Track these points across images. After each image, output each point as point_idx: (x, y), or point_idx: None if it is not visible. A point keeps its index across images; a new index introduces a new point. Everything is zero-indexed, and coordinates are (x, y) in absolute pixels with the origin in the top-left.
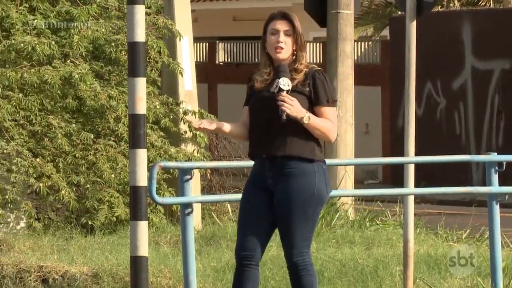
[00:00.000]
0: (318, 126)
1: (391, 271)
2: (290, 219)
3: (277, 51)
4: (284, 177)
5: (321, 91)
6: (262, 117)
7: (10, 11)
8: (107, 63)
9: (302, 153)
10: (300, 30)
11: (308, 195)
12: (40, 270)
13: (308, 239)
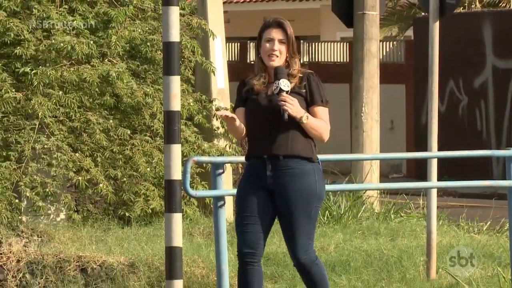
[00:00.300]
0: (315, 126)
1: (415, 261)
2: (293, 219)
3: (271, 59)
4: (286, 177)
5: (316, 92)
6: (261, 118)
7: (51, 12)
8: (143, 62)
9: (303, 152)
10: (293, 38)
11: (310, 194)
12: (79, 260)
13: (312, 236)
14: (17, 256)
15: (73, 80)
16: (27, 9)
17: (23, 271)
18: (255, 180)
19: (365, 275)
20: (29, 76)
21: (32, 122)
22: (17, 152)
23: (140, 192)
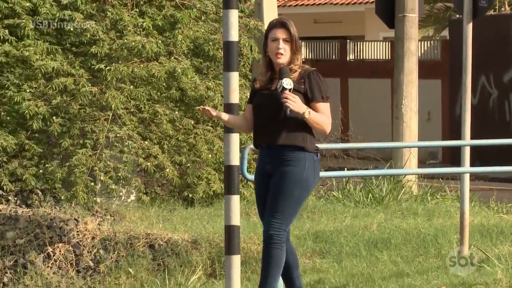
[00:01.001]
0: (317, 120)
1: (449, 238)
2: (277, 196)
3: (278, 57)
4: (280, 163)
5: (316, 89)
6: (263, 112)
7: (123, 15)
8: (205, 59)
9: (295, 142)
10: (296, 36)
11: (297, 179)
12: (148, 237)
13: (289, 218)
14: (92, 234)
15: (143, 76)
16: (102, 12)
17: (97, 247)
18: (261, 167)
19: (404, 251)
20: (104, 72)
21: (106, 113)
22: (93, 140)
23: (202, 176)
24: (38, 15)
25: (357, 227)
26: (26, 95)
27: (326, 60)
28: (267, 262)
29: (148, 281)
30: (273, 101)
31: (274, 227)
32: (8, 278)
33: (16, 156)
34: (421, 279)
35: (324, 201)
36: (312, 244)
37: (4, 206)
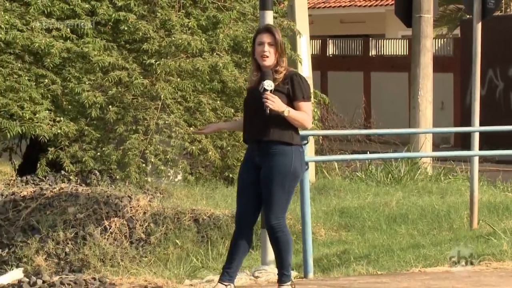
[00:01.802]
0: (296, 118)
1: (460, 214)
2: (270, 190)
3: (263, 59)
4: (268, 156)
5: (298, 90)
6: (251, 110)
7: (171, 15)
8: (244, 55)
9: (282, 138)
10: (280, 41)
11: (286, 171)
12: (193, 212)
13: (284, 206)
14: (144, 209)
15: (189, 69)
16: (152, 13)
17: (148, 221)
18: (248, 159)
19: (420, 225)
20: (154, 66)
21: (156, 103)
22: (144, 126)
23: (241, 158)
24: (96, 15)
25: (378, 204)
26: (85, 86)
27: (350, 56)
28: (276, 246)
29: (193, 251)
30: (260, 100)
31: (273, 218)
32: (70, 248)
33: (77, 140)
34: (435, 250)
35: (349, 180)
36: (338, 219)
37: (66, 185)
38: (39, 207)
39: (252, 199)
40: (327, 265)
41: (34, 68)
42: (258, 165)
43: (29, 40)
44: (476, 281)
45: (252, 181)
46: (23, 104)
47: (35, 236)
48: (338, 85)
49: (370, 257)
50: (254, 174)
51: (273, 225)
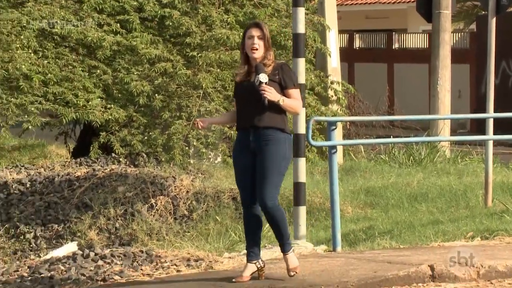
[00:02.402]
0: (290, 105)
1: (475, 193)
2: (265, 174)
3: (253, 52)
4: (263, 142)
5: (287, 78)
6: (245, 100)
7: (212, 12)
8: (278, 48)
9: (277, 124)
10: (267, 36)
11: (280, 156)
12: (231, 191)
13: (278, 188)
14: (187, 188)
15: (227, 61)
16: (195, 9)
17: (190, 199)
18: (243, 145)
19: (439, 203)
20: (196, 58)
21: (198, 91)
22: (187, 113)
23: None
24: (144, 12)
25: (400, 184)
26: (133, 76)
27: (375, 49)
28: (273, 223)
29: (232, 227)
30: (252, 91)
31: (268, 197)
32: (119, 224)
33: (126, 126)
34: (452, 226)
35: (374, 162)
36: (364, 197)
37: (116, 166)
38: (91, 186)
39: (250, 181)
40: (353, 240)
41: (87, 60)
42: (253, 151)
43: (82, 34)
44: (490, 254)
45: (248, 165)
46: (77, 93)
47: (88, 212)
48: (364, 75)
49: (393, 232)
50: (250, 158)
51: (270, 206)
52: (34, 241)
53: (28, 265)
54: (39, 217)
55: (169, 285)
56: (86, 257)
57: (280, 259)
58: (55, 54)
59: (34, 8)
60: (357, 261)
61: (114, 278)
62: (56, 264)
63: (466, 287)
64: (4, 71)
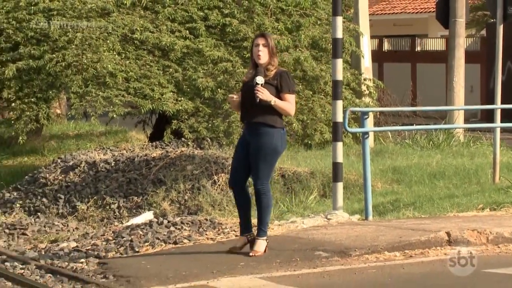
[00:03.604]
0: (281, 106)
1: (485, 172)
2: (257, 162)
3: (258, 57)
4: (255, 135)
5: (284, 84)
6: (246, 98)
7: (265, 20)
8: (320, 50)
9: (266, 121)
10: (272, 44)
11: (268, 148)
12: (280, 170)
13: (267, 174)
14: None
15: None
16: (250, 18)
17: None
18: (243, 137)
19: (454, 180)
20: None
21: None
22: None
23: (317, 129)
24: (208, 20)
25: (422, 164)
26: (200, 74)
27: (401, 51)
28: (259, 206)
29: (281, 199)
30: (252, 91)
31: (259, 183)
32: (188, 196)
33: (193, 115)
34: (465, 199)
35: (400, 146)
36: (391, 175)
37: (185, 148)
38: (165, 165)
39: (242, 166)
40: (382, 210)
41: (162, 61)
42: (248, 141)
43: (158, 39)
44: (497, 223)
45: (244, 153)
46: (154, 87)
47: (162, 187)
48: (391, 73)
49: (415, 204)
50: (246, 147)
51: (259, 189)
52: (118, 211)
53: (112, 230)
54: (121, 191)
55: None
56: (160, 224)
57: (322, 226)
58: (135, 55)
59: (118, 17)
60: (386, 228)
61: (183, 241)
62: (136, 230)
63: (477, 250)
64: (94, 70)
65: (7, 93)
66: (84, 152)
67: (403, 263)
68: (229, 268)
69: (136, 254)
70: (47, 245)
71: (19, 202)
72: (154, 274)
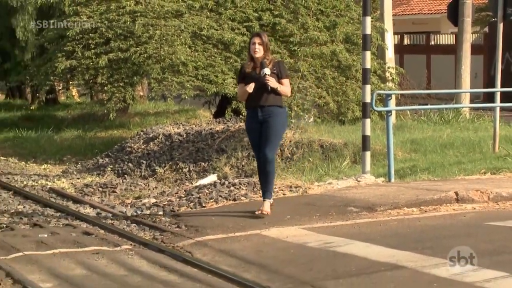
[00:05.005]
0: (283, 90)
1: (487, 143)
2: (271, 136)
3: (255, 53)
4: (267, 115)
5: (283, 71)
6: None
7: (307, 20)
8: (352, 44)
9: (276, 103)
10: (266, 42)
11: (279, 124)
12: (319, 141)
13: (276, 146)
14: (290, 139)
15: (318, 53)
16: (296, 18)
17: (292, 146)
18: (253, 118)
19: (461, 150)
20: (296, 51)
21: (297, 74)
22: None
23: (350, 108)
24: (261, 20)
25: (435, 136)
26: None
27: (418, 45)
28: (269, 172)
29: (319, 165)
30: (258, 80)
31: (270, 154)
32: (245, 162)
33: None
34: (471, 165)
35: (416, 122)
36: (409, 145)
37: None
38: (226, 137)
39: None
40: (402, 174)
41: (224, 53)
42: (260, 122)
43: (221, 35)
44: (497, 184)
45: (258, 132)
46: (217, 74)
47: (224, 155)
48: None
49: (429, 169)
50: (258, 127)
51: (268, 157)
52: (188, 173)
53: (184, 189)
54: (191, 157)
55: (276, 203)
56: (222, 184)
57: (353, 187)
58: (203, 48)
59: (189, 18)
60: (405, 189)
61: (241, 199)
62: (203, 189)
63: (480, 207)
64: (170, 60)
65: (100, 79)
66: (161, 126)
67: (419, 217)
68: (278, 220)
69: (203, 208)
70: (132, 201)
71: (110, 166)
72: (217, 225)
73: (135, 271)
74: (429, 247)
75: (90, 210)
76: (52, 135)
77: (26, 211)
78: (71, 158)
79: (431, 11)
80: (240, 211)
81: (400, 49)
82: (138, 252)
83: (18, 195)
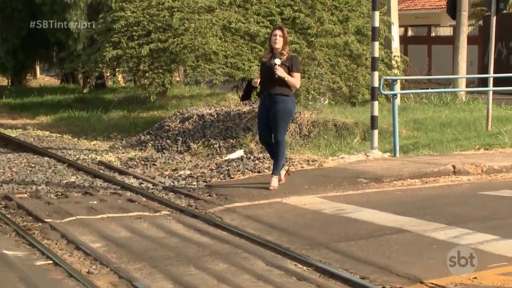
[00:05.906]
0: (291, 81)
1: (481, 122)
2: (278, 121)
3: (275, 44)
4: (275, 102)
5: (294, 65)
6: (266, 75)
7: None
8: (362, 35)
9: (284, 92)
10: (286, 35)
11: (285, 111)
12: (333, 121)
13: (285, 130)
14: (307, 119)
15: (332, 44)
16: (313, 13)
17: (309, 125)
18: (263, 104)
19: (458, 128)
20: (313, 42)
21: (314, 62)
22: (308, 74)
23: (360, 91)
24: (283, 14)
25: (435, 117)
26: None
27: (420, 36)
28: (278, 154)
29: (333, 142)
30: (271, 69)
31: (280, 137)
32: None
33: None
34: (466, 142)
35: (419, 104)
36: (412, 124)
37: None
38: (252, 117)
39: (265, 126)
40: (406, 150)
41: (250, 43)
42: (268, 107)
43: (247, 28)
44: (489, 158)
45: (266, 116)
46: (244, 62)
47: (250, 132)
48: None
49: (430, 145)
50: (266, 112)
51: (279, 141)
52: (218, 149)
53: (215, 163)
54: (221, 135)
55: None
56: (248, 158)
57: (362, 161)
58: (232, 39)
59: (219, 13)
60: (408, 162)
61: (265, 171)
62: (231, 162)
63: (475, 178)
64: (203, 50)
65: (142, 66)
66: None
67: (421, 187)
68: (296, 190)
69: (231, 179)
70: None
71: (150, 142)
72: (244, 193)
73: (173, 234)
74: (430, 214)
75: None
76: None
77: (78, 181)
78: (117, 135)
79: (432, 6)
80: (263, 182)
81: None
82: (175, 217)
83: (72, 167)
